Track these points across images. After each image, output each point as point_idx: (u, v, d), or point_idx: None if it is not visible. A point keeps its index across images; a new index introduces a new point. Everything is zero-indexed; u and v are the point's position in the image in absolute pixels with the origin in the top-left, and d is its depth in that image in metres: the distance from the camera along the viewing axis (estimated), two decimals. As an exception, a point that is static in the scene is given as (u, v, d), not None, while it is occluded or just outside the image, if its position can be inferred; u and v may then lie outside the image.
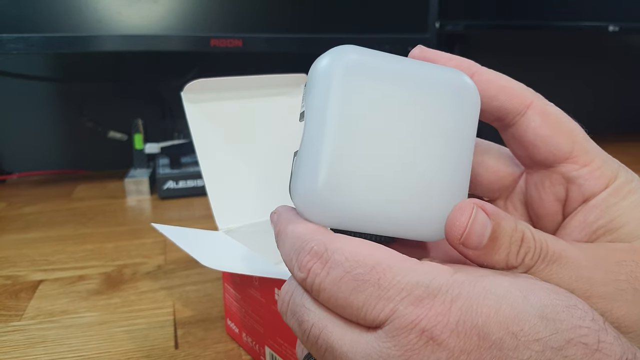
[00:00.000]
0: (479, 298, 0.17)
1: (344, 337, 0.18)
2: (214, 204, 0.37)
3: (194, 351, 0.36)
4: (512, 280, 0.18)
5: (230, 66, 0.96)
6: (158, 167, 0.78)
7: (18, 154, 0.91)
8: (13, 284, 0.47)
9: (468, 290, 0.17)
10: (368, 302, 0.17)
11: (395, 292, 0.17)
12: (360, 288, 0.18)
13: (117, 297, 0.45)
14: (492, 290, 0.17)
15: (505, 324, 0.16)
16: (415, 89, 0.20)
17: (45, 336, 0.39)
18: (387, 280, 0.17)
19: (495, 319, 0.16)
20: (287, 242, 0.20)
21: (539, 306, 0.17)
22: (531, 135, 0.22)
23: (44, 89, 0.91)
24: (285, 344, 0.31)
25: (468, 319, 0.16)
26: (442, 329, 0.16)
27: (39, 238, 0.59)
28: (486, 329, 0.16)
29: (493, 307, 0.17)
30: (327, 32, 0.83)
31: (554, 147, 0.22)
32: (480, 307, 0.17)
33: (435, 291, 0.17)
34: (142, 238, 0.59)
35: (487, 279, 0.18)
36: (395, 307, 0.17)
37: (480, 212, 0.19)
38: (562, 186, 0.23)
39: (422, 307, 0.17)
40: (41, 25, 0.69)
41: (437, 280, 0.17)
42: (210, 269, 0.49)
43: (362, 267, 0.18)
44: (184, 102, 0.37)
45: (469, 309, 0.17)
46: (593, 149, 0.22)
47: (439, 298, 0.17)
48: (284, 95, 0.42)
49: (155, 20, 0.74)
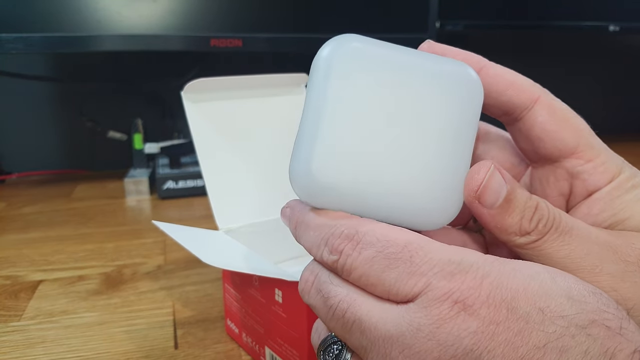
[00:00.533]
0: (509, 276, 0.17)
1: (373, 309, 0.19)
2: (214, 203, 0.37)
3: (194, 351, 0.36)
4: (540, 265, 0.18)
5: (230, 66, 0.96)
6: (158, 167, 0.78)
7: (18, 154, 0.91)
8: (12, 284, 0.47)
9: (498, 269, 0.18)
10: (401, 278, 0.18)
11: (428, 267, 0.18)
12: (393, 265, 0.18)
13: (117, 297, 0.45)
14: (520, 269, 0.18)
15: (533, 300, 0.17)
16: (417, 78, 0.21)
17: (45, 336, 0.38)
18: (419, 258, 0.18)
19: (524, 295, 0.17)
20: (311, 231, 0.21)
21: (566, 287, 0.17)
22: (538, 129, 0.23)
23: (44, 88, 0.91)
24: (286, 344, 0.31)
25: (498, 293, 0.17)
26: (474, 301, 0.17)
27: (39, 238, 0.59)
28: (514, 303, 0.17)
29: (522, 284, 0.17)
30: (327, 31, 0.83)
31: (560, 142, 0.23)
32: (510, 284, 0.17)
33: (467, 267, 0.18)
34: (142, 238, 0.59)
35: (515, 261, 0.18)
36: (428, 280, 0.18)
37: (497, 173, 0.20)
38: (566, 181, 0.23)
39: (455, 281, 0.17)
40: (40, 25, 0.69)
41: (468, 258, 0.18)
42: (209, 269, 0.49)
43: (393, 247, 0.19)
44: (184, 102, 0.37)
45: (500, 284, 0.17)
46: (598, 145, 0.23)
47: (470, 274, 0.18)
48: (284, 95, 0.42)
49: (155, 20, 0.74)
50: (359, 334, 0.19)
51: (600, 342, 0.16)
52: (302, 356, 0.30)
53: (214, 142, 0.38)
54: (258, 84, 0.41)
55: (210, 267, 0.50)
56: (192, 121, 0.37)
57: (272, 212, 0.40)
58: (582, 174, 0.23)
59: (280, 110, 0.42)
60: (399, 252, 0.18)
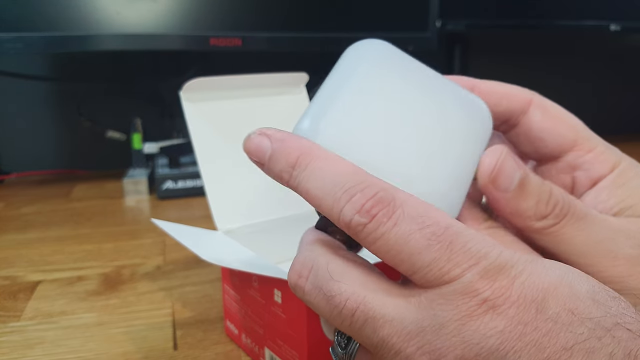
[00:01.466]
0: (540, 275, 0.17)
1: (386, 305, 0.18)
2: (212, 204, 0.37)
3: (193, 352, 0.36)
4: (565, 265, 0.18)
5: (229, 65, 0.96)
6: (157, 167, 0.78)
7: (16, 153, 0.91)
8: (11, 284, 0.47)
9: (531, 268, 0.18)
10: (435, 263, 0.17)
11: (465, 258, 0.17)
12: (431, 247, 0.17)
13: (116, 297, 0.44)
14: (551, 268, 0.18)
15: (563, 301, 0.17)
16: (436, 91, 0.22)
17: (44, 337, 0.38)
18: (459, 245, 0.17)
19: (554, 295, 0.17)
20: (327, 174, 0.19)
21: (591, 290, 0.17)
22: (536, 129, 0.24)
23: (43, 88, 0.91)
24: (285, 345, 0.31)
25: (529, 293, 0.17)
26: (503, 301, 0.17)
27: (37, 238, 0.59)
28: (544, 303, 0.17)
29: (552, 285, 0.17)
30: (326, 31, 0.83)
31: (559, 137, 0.23)
32: (541, 284, 0.17)
33: (502, 265, 0.17)
34: (141, 238, 0.59)
35: (544, 260, 0.18)
36: (462, 272, 0.17)
37: (510, 157, 0.20)
38: (568, 174, 0.24)
39: (488, 279, 0.17)
40: (39, 25, 0.69)
41: (503, 255, 0.18)
42: (209, 270, 0.49)
43: (435, 226, 0.17)
44: (182, 102, 0.37)
45: (531, 284, 0.17)
46: (594, 137, 0.24)
47: (504, 273, 0.17)
48: (282, 94, 0.42)
49: (154, 19, 0.74)
50: (371, 332, 0.18)
51: (624, 345, 0.16)
52: (301, 357, 0.29)
53: (213, 142, 0.38)
54: (257, 83, 0.41)
55: (210, 268, 0.49)
56: (190, 121, 0.37)
57: (271, 212, 0.40)
58: (584, 165, 0.23)
59: (279, 109, 0.42)
60: (440, 234, 0.17)
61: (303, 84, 0.43)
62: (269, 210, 0.40)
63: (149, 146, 0.80)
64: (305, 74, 0.43)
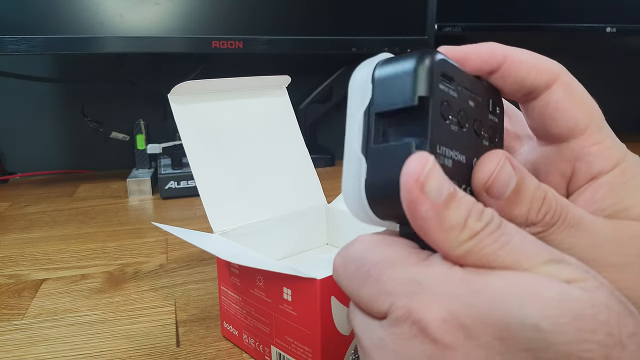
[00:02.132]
0: (470, 300, 0.17)
1: (360, 321, 0.20)
2: (207, 207, 0.37)
3: (196, 349, 0.37)
4: (514, 282, 0.17)
5: (231, 67, 0.96)
6: (160, 167, 0.78)
7: (21, 154, 0.92)
8: (16, 282, 0.48)
9: (460, 291, 0.17)
10: (372, 296, 0.19)
11: (393, 286, 0.18)
12: (366, 282, 0.19)
13: (119, 295, 0.45)
14: (486, 293, 0.17)
15: (493, 329, 0.16)
16: None
17: (48, 334, 0.39)
18: (386, 276, 0.18)
19: (484, 323, 0.16)
20: None
21: (536, 315, 0.16)
22: (552, 108, 0.22)
23: (47, 90, 0.92)
24: (296, 342, 0.31)
25: (455, 318, 0.17)
26: (428, 323, 0.17)
27: (42, 237, 0.60)
28: (473, 330, 0.16)
29: (483, 311, 0.16)
30: (326, 34, 0.83)
31: (572, 122, 0.22)
32: (469, 310, 0.16)
33: (426, 288, 0.17)
34: (144, 237, 0.59)
35: (486, 277, 0.17)
36: (392, 300, 0.18)
37: (508, 164, 0.20)
38: (569, 163, 0.23)
39: (414, 302, 0.17)
40: (44, 27, 0.70)
41: (430, 277, 0.18)
42: (211, 267, 0.49)
43: (368, 264, 0.19)
44: (172, 104, 0.38)
45: (457, 309, 0.17)
46: (607, 130, 0.23)
47: (428, 295, 0.17)
48: (266, 96, 0.43)
49: (157, 22, 0.75)
50: (357, 344, 0.20)
51: None
52: (314, 352, 0.30)
53: (203, 145, 0.38)
54: (242, 85, 0.41)
55: (212, 266, 0.50)
56: (180, 123, 0.38)
57: (263, 212, 0.40)
58: (587, 156, 0.22)
59: (264, 111, 0.42)
60: (370, 269, 0.19)
61: (285, 86, 0.44)
62: (261, 211, 0.40)
63: (152, 147, 0.80)
64: (288, 77, 0.43)
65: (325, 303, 0.29)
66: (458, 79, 0.21)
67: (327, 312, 0.29)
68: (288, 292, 0.31)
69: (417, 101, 0.19)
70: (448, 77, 0.20)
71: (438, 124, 0.20)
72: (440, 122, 0.20)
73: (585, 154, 0.22)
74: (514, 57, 0.22)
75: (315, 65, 0.96)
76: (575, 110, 0.22)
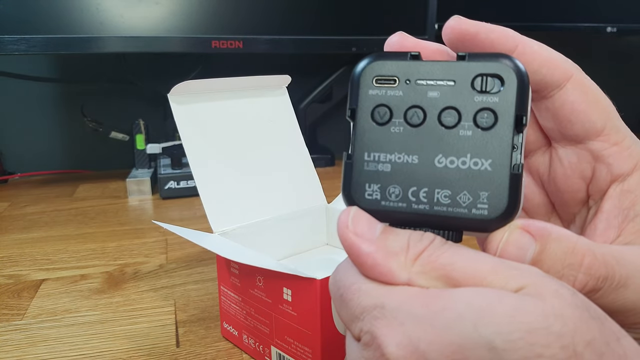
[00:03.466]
0: (426, 323, 0.17)
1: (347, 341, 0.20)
2: (207, 207, 0.37)
3: (195, 349, 0.37)
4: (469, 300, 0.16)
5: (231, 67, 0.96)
6: (159, 167, 0.78)
7: (20, 154, 0.92)
8: (15, 283, 0.48)
9: (415, 315, 0.17)
10: (348, 319, 0.19)
11: (360, 311, 0.19)
12: (342, 306, 0.19)
13: (119, 296, 0.45)
14: (442, 315, 0.16)
15: (448, 352, 0.16)
16: None
17: (47, 335, 0.39)
18: (354, 301, 0.19)
19: (439, 346, 0.16)
20: None
21: (489, 334, 0.15)
22: (567, 109, 0.22)
23: (46, 89, 0.92)
24: (296, 342, 0.31)
25: (410, 343, 0.17)
26: (387, 349, 0.17)
27: (41, 237, 0.60)
28: (429, 354, 0.16)
29: (438, 335, 0.16)
30: (326, 33, 0.83)
31: (588, 123, 0.22)
32: (425, 334, 0.16)
33: (387, 313, 0.18)
34: (144, 237, 0.59)
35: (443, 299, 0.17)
36: (361, 326, 0.18)
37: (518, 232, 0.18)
38: (589, 164, 0.22)
39: (376, 327, 0.18)
40: (43, 27, 0.70)
41: (390, 301, 0.18)
42: (211, 268, 0.49)
43: (342, 289, 0.19)
44: (171, 104, 0.38)
45: (413, 334, 0.17)
46: (624, 129, 0.22)
47: (387, 320, 0.18)
48: (266, 95, 0.43)
49: (157, 21, 0.75)
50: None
51: None
52: (314, 352, 0.30)
53: (203, 145, 0.38)
54: (242, 85, 0.41)
55: (212, 266, 0.50)
56: (179, 123, 0.38)
57: (263, 212, 0.40)
58: (608, 158, 0.22)
59: (263, 111, 0.42)
60: (343, 293, 0.19)
61: (285, 86, 0.44)
62: (261, 211, 0.40)
63: (152, 147, 0.80)
64: (288, 76, 0.43)
65: (325, 303, 0.29)
66: (412, 74, 0.20)
67: (327, 312, 0.29)
68: (288, 292, 0.31)
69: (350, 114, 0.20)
70: (387, 78, 0.20)
71: (367, 131, 0.20)
72: (372, 130, 0.20)
73: (604, 155, 0.22)
74: (526, 47, 0.21)
75: (315, 65, 0.96)
76: (591, 111, 0.21)
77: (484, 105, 0.19)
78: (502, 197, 0.18)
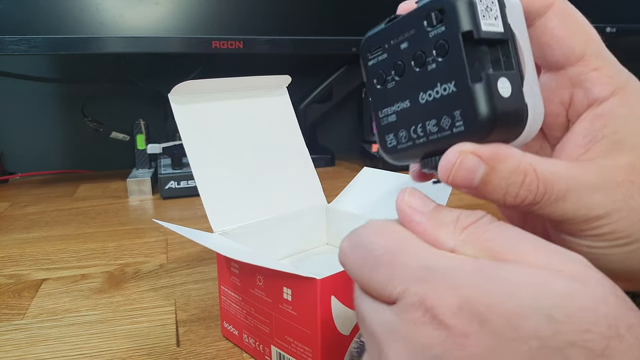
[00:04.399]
0: (485, 288, 0.17)
1: (368, 307, 0.20)
2: (207, 207, 0.37)
3: (196, 349, 0.37)
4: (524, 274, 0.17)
5: (231, 67, 0.96)
6: (160, 167, 0.78)
7: (21, 154, 0.92)
8: (16, 282, 0.48)
9: (474, 280, 0.17)
10: (384, 281, 0.19)
11: (405, 273, 0.18)
12: (377, 267, 0.19)
13: (119, 295, 0.45)
14: (500, 283, 0.17)
15: (507, 317, 0.16)
16: None
17: (48, 334, 0.39)
18: (399, 262, 0.19)
19: (499, 311, 0.16)
20: None
21: (547, 306, 0.16)
22: (547, 36, 0.22)
23: (47, 90, 0.92)
24: (296, 341, 0.31)
25: (470, 306, 0.17)
26: (444, 311, 0.17)
27: (42, 237, 0.60)
28: (488, 317, 0.16)
29: (498, 300, 0.17)
30: (326, 33, 0.83)
31: (567, 49, 0.22)
32: (484, 298, 0.17)
33: (441, 275, 0.18)
34: (144, 237, 0.59)
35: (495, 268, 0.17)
36: (405, 286, 0.18)
37: (470, 156, 0.20)
38: (567, 89, 0.23)
39: (428, 289, 0.18)
40: (43, 27, 0.70)
41: (444, 264, 0.18)
42: (211, 267, 0.49)
43: (378, 249, 0.19)
44: (172, 104, 0.38)
45: (472, 297, 0.17)
46: (606, 55, 0.22)
47: (443, 282, 0.17)
48: (266, 95, 0.43)
49: (157, 22, 0.75)
50: (363, 329, 0.20)
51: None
52: (314, 352, 0.30)
53: (203, 145, 0.38)
54: (243, 85, 0.41)
55: (212, 266, 0.50)
56: (180, 123, 0.38)
57: (263, 212, 0.40)
58: (585, 83, 0.22)
59: (263, 111, 0.42)
60: (382, 255, 0.19)
61: (285, 86, 0.44)
62: (263, 211, 0.40)
63: (152, 147, 0.80)
64: (288, 76, 0.43)
65: (325, 303, 0.29)
66: (387, 37, 0.23)
67: (327, 312, 0.29)
68: (288, 291, 0.31)
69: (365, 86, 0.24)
70: (375, 48, 0.24)
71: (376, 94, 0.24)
72: (378, 92, 0.24)
73: (582, 80, 0.22)
74: None
75: (315, 65, 0.96)
76: (571, 37, 0.22)
77: (437, 37, 0.21)
78: (471, 109, 0.20)
